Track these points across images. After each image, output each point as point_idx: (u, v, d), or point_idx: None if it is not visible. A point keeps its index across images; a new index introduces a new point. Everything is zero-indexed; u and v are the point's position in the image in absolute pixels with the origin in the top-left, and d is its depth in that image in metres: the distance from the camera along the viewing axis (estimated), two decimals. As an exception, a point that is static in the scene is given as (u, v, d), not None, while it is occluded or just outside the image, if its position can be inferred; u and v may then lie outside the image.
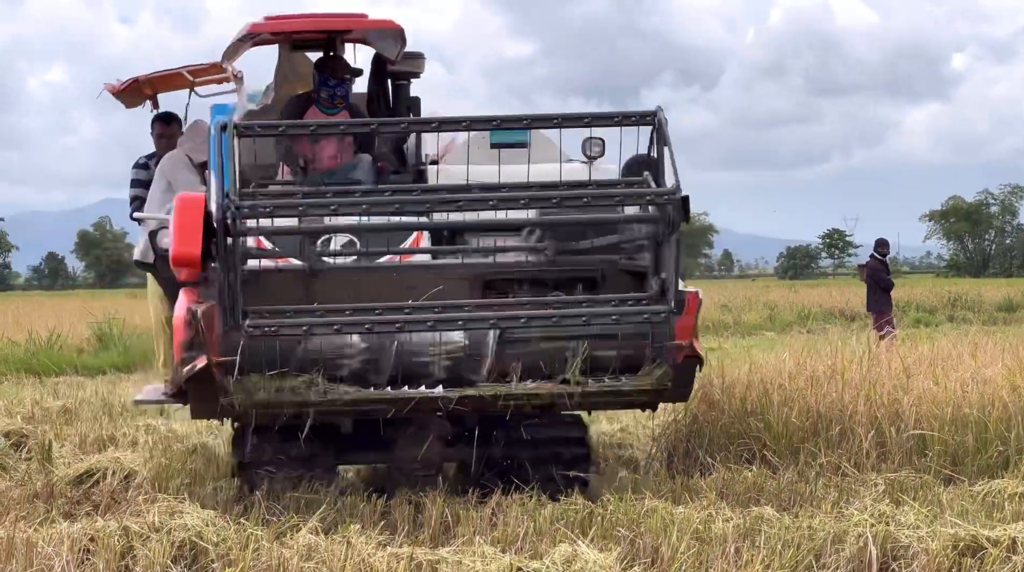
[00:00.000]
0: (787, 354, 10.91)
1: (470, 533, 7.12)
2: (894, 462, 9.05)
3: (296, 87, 9.94)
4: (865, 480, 8.61)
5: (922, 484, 8.46)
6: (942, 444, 9.04)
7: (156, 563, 6.62)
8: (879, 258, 20.17)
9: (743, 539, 6.84)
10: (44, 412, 12.82)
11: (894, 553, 6.57)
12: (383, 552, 6.58)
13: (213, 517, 7.20)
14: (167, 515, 7.17)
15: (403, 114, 10.17)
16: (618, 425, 11.71)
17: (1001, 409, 9.18)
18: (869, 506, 7.46)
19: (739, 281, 69.84)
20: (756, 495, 8.23)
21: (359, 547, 6.63)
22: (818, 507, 7.76)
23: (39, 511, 8.00)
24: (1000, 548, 6.37)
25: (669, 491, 8.36)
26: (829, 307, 34.36)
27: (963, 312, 34.67)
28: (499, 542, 6.95)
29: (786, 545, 6.70)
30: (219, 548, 6.79)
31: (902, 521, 7.02)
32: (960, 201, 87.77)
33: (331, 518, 7.53)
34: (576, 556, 6.45)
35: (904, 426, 9.27)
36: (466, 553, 6.60)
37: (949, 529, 6.65)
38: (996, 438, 8.98)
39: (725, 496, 8.15)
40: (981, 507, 7.62)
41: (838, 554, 6.63)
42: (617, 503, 7.60)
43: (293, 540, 6.83)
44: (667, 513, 7.31)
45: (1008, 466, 8.80)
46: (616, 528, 7.11)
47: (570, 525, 7.24)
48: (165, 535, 6.84)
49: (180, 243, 7.11)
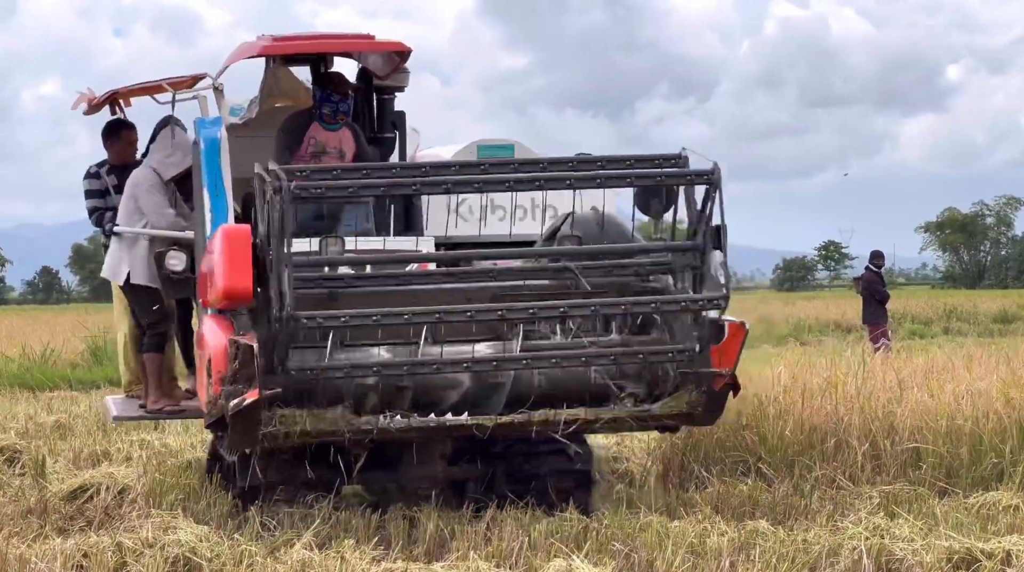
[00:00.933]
0: (782, 367, 10.91)
1: (465, 548, 7.10)
2: (889, 475, 9.05)
3: (278, 101, 9.91)
4: (860, 493, 8.61)
5: (916, 497, 8.46)
6: (936, 456, 9.04)
7: (150, 579, 6.61)
8: (874, 270, 20.17)
9: (738, 553, 6.84)
10: (38, 427, 12.80)
11: (889, 566, 6.58)
12: (377, 567, 6.58)
13: (207, 533, 7.19)
14: (161, 530, 7.16)
15: (388, 129, 10.20)
16: (613, 439, 11.69)
17: (996, 421, 9.18)
18: (864, 519, 7.46)
19: (735, 293, 69.96)
20: (751, 509, 8.22)
21: (353, 562, 6.63)
22: (813, 520, 7.76)
23: (32, 527, 7.98)
24: (995, 561, 6.37)
25: (664, 505, 8.35)
26: (825, 319, 34.35)
27: (958, 324, 34.68)
28: (493, 557, 6.93)
29: (781, 559, 6.70)
30: (213, 564, 6.79)
31: (897, 534, 7.02)
32: (956, 212, 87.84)
33: (325, 533, 7.52)
34: (571, 571, 6.44)
35: (898, 439, 9.27)
36: (460, 568, 6.59)
37: (944, 542, 6.65)
38: (991, 450, 8.98)
39: (720, 510, 8.14)
40: (976, 520, 7.62)
41: (833, 567, 6.63)
42: (612, 517, 7.59)
43: (287, 555, 6.82)
44: (662, 527, 7.30)
45: (1003, 478, 8.80)
46: (611, 543, 7.10)
47: (565, 540, 7.23)
48: (159, 551, 6.83)
49: (231, 277, 7.06)
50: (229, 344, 7.11)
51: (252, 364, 7.01)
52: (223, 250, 7.12)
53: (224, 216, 8.48)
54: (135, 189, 9.47)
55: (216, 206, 8.49)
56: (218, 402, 7.20)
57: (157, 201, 9.41)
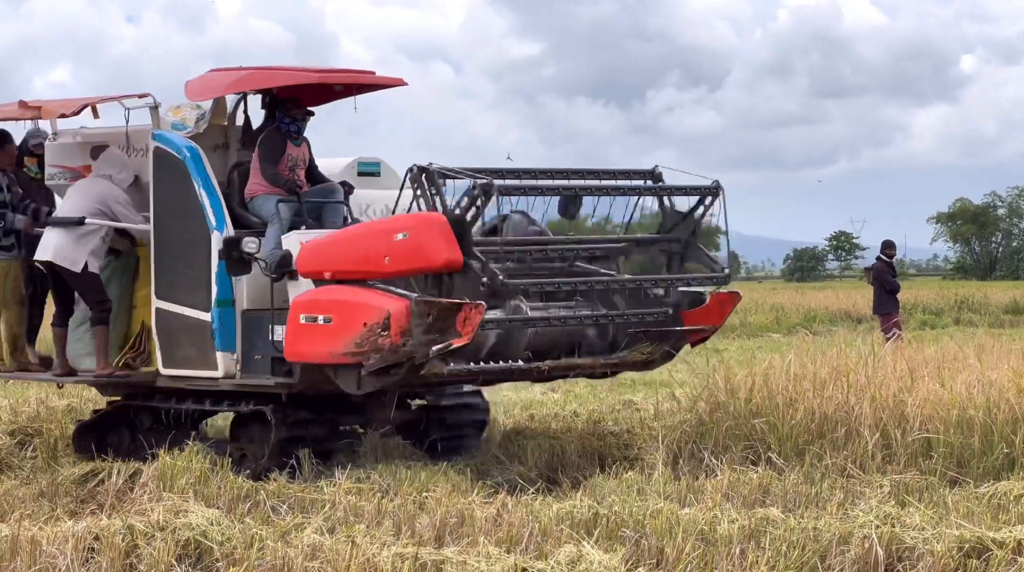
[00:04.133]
0: (792, 356, 10.88)
1: (475, 533, 7.11)
2: (899, 464, 9.03)
3: (216, 120, 11.14)
4: (870, 482, 8.59)
5: (927, 486, 8.44)
6: (947, 446, 9.02)
7: (160, 562, 6.63)
8: (885, 260, 20.09)
9: (748, 540, 6.84)
10: (49, 411, 12.81)
11: (899, 554, 6.57)
12: (387, 551, 6.58)
13: (218, 516, 7.21)
14: (171, 514, 7.18)
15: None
16: (624, 426, 11.70)
17: (1007, 411, 9.14)
18: (874, 508, 7.45)
19: (745, 283, 69.70)
20: (761, 496, 8.22)
21: (364, 546, 6.63)
22: (823, 508, 7.75)
23: (44, 509, 8.01)
24: (1006, 550, 6.36)
25: (675, 492, 8.35)
26: (836, 309, 34.27)
27: (969, 314, 34.54)
28: (504, 542, 6.94)
29: (791, 546, 6.70)
30: (224, 547, 6.80)
31: (907, 523, 7.00)
32: (967, 203, 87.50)
33: (336, 517, 7.53)
34: (581, 557, 6.45)
35: (909, 428, 9.24)
36: (471, 553, 6.60)
37: (954, 531, 6.64)
38: (1001, 440, 8.96)
39: (730, 497, 8.14)
40: (987, 509, 7.60)
41: (843, 555, 6.62)
42: (622, 504, 7.59)
43: (298, 539, 6.83)
44: (672, 514, 7.30)
45: (1014, 468, 8.77)
46: (621, 529, 7.11)
47: (575, 526, 7.24)
48: (170, 534, 6.86)
49: (451, 251, 9.23)
50: (416, 304, 9.11)
51: (453, 317, 9.03)
52: (438, 232, 9.24)
53: (222, 213, 10.16)
54: (104, 199, 10.65)
55: (215, 205, 10.16)
56: (401, 349, 9.16)
57: (131, 212, 10.71)
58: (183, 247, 10.33)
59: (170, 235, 10.41)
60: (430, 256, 9.35)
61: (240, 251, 10.05)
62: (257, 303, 10.15)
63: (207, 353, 10.14)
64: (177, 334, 10.33)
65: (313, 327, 9.54)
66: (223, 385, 10.15)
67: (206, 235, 10.13)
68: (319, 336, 9.53)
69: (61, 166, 11.39)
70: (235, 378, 10.12)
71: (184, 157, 10.26)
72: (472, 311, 9.14)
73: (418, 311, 9.16)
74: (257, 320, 10.09)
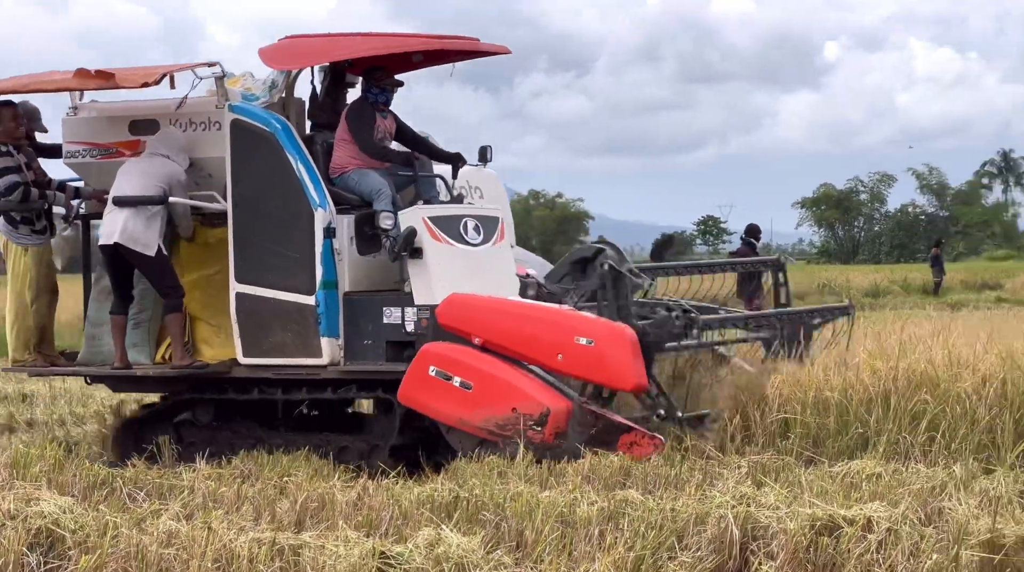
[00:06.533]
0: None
1: (334, 517, 7.07)
2: (758, 445, 9.17)
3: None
4: (729, 463, 8.72)
5: (784, 466, 8.58)
6: (804, 427, 9.18)
7: (11, 551, 6.48)
8: (750, 244, 20.39)
9: (607, 521, 6.88)
10: None
11: (754, 533, 6.66)
12: (244, 537, 6.50)
13: (71, 504, 7.07)
14: (23, 502, 7.02)
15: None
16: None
17: (862, 392, 9.33)
18: (731, 488, 7.55)
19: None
20: (622, 479, 8.29)
21: (221, 532, 6.55)
22: (682, 490, 7.84)
23: None
24: (856, 527, 6.48)
25: (536, 475, 8.38)
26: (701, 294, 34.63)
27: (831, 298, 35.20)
28: (363, 526, 6.91)
29: (649, 527, 6.75)
30: (76, 535, 6.67)
31: (763, 502, 7.10)
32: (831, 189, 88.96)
33: (194, 503, 7.44)
34: (440, 540, 6.43)
35: (768, 409, 9.39)
36: (329, 538, 6.55)
37: (807, 509, 6.75)
38: (856, 420, 9.14)
39: (591, 480, 8.20)
40: (839, 488, 7.74)
41: (700, 535, 6.69)
42: (483, 487, 7.60)
43: (153, 526, 6.72)
44: (532, 497, 7.33)
45: (867, 447, 8.96)
46: (481, 512, 7.12)
47: (435, 509, 7.23)
48: (20, 522, 6.70)
49: (640, 377, 8.93)
50: (580, 409, 8.78)
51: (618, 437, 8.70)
52: (628, 350, 8.86)
53: (323, 190, 9.58)
54: (168, 179, 9.93)
55: (315, 181, 9.56)
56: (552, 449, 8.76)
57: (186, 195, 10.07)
58: (276, 227, 9.64)
59: (257, 215, 9.69)
60: (613, 375, 8.91)
61: (374, 228, 9.48)
62: (356, 285, 9.58)
63: (308, 339, 9.51)
64: (267, 320, 9.64)
65: (444, 385, 8.99)
66: (328, 373, 9.53)
67: (308, 213, 9.51)
68: (451, 397, 8.98)
69: (87, 142, 10.42)
70: (340, 365, 9.51)
71: (275, 129, 9.60)
72: (643, 439, 8.66)
73: (581, 419, 8.68)
74: (366, 302, 9.48)
